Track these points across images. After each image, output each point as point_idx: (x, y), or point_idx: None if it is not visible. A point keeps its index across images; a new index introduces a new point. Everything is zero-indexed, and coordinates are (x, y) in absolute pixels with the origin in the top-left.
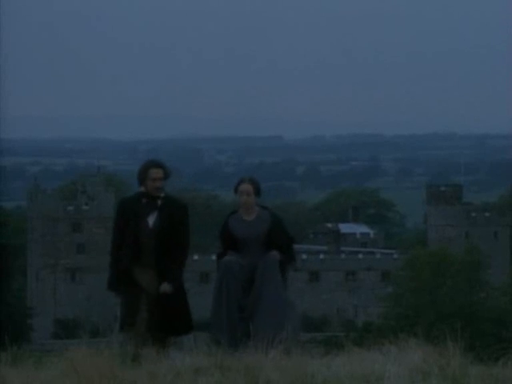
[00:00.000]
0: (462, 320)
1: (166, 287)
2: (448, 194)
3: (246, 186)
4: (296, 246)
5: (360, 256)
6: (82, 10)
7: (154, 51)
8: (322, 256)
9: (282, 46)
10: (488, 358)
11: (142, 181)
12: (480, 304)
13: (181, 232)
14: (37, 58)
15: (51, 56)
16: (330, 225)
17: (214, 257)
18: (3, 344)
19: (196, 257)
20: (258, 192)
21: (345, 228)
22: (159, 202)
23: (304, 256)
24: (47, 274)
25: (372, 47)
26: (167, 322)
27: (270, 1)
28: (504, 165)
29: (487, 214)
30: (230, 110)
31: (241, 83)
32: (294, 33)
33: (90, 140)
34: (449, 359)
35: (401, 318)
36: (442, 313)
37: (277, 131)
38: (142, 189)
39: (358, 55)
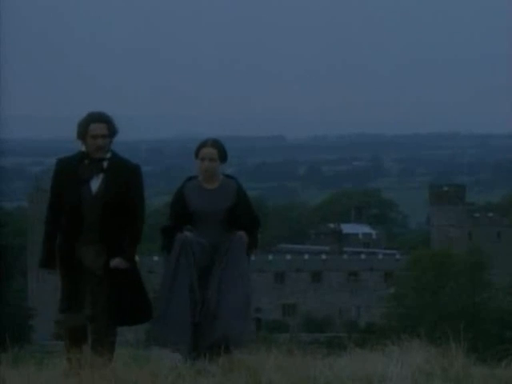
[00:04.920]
0: (464, 321)
1: (118, 262)
2: (451, 194)
3: (209, 150)
4: (298, 247)
5: (362, 256)
6: (83, 10)
7: (154, 51)
8: (324, 256)
9: (284, 45)
10: (491, 358)
11: (82, 139)
12: (483, 304)
13: (133, 199)
14: (37, 58)
15: (51, 56)
16: (332, 225)
17: None
18: (4, 345)
19: None
20: (223, 158)
21: (347, 228)
22: (105, 164)
23: (306, 256)
24: (48, 275)
25: (374, 47)
26: (119, 309)
27: (270, 1)
28: (507, 165)
29: (490, 215)
30: (231, 109)
31: (242, 83)
32: (296, 33)
33: None
34: (452, 360)
35: (403, 318)
36: (444, 313)
37: (278, 131)
38: (83, 148)
39: (359, 55)
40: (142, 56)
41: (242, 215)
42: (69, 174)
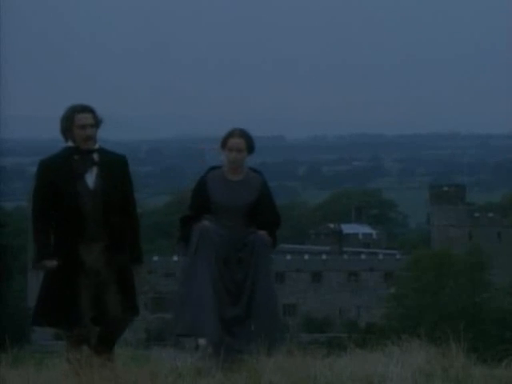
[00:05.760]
0: (465, 321)
1: (138, 268)
2: (451, 194)
3: (237, 140)
4: (298, 247)
5: (362, 256)
6: (81, 11)
7: (154, 51)
8: (324, 256)
9: (284, 45)
10: (491, 359)
11: (68, 132)
12: (483, 305)
13: (126, 192)
14: (37, 58)
15: (51, 56)
16: (332, 225)
17: None
18: (4, 345)
19: None
20: (250, 148)
21: (347, 228)
22: (96, 157)
23: (306, 256)
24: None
25: (374, 47)
26: (120, 305)
27: (271, 2)
28: (507, 165)
29: (490, 215)
30: (231, 109)
31: (242, 83)
32: (296, 33)
33: None
34: (452, 360)
35: (403, 318)
36: (444, 313)
37: (278, 131)
38: (70, 143)
39: (359, 55)
40: (142, 56)
41: (264, 212)
42: (60, 171)
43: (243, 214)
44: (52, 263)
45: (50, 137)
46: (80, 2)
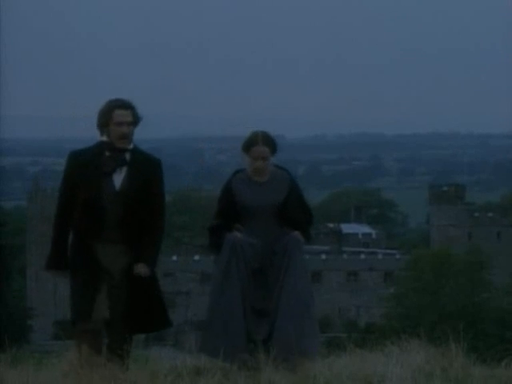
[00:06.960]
0: (464, 321)
1: (142, 268)
2: (450, 193)
3: (261, 149)
4: None
5: (362, 256)
6: (82, 11)
7: (154, 51)
8: (323, 256)
9: (284, 45)
10: (491, 358)
11: (104, 127)
12: (483, 304)
13: (155, 197)
14: (37, 58)
15: (51, 56)
16: (331, 225)
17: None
18: (3, 345)
19: (197, 257)
20: (274, 151)
21: (347, 228)
22: (128, 156)
23: (306, 256)
24: (47, 275)
25: (374, 46)
26: (137, 315)
27: (271, 2)
28: (507, 165)
29: (490, 214)
30: (231, 109)
31: (242, 82)
32: (296, 32)
33: (89, 139)
34: (451, 360)
35: (403, 318)
36: (444, 313)
37: (278, 130)
38: (104, 138)
39: (359, 55)
40: (142, 56)
41: (295, 210)
42: (88, 166)
43: (273, 215)
44: (58, 274)
45: (50, 137)
46: (80, 2)
